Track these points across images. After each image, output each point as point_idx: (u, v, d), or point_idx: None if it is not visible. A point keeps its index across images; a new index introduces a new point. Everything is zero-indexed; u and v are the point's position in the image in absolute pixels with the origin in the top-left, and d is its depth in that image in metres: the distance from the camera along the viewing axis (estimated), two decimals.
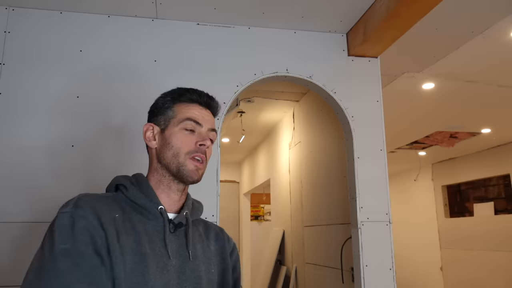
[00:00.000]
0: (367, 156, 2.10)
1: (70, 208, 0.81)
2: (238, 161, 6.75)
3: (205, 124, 0.97)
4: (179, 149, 0.93)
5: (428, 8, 1.74)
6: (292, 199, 3.58)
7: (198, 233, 0.99)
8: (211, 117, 1.00)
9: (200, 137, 0.95)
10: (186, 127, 0.95)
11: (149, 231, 0.87)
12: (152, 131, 0.98)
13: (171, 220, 0.92)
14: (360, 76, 2.19)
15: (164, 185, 0.94)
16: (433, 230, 6.35)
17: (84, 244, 0.78)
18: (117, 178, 0.96)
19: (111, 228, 0.82)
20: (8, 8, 1.91)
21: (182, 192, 0.96)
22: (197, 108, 0.98)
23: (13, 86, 1.83)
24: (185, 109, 0.97)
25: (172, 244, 0.89)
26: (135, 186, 0.93)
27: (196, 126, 0.95)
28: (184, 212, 0.94)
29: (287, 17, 2.06)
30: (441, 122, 4.12)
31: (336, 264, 2.51)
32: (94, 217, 0.81)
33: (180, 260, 0.88)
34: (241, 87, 2.05)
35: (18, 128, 1.80)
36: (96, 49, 1.95)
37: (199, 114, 0.97)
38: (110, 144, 1.86)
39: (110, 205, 0.87)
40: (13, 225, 1.70)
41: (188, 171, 0.92)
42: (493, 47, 2.43)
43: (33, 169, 1.77)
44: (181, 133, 0.94)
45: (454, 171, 5.98)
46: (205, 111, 0.99)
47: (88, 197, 0.85)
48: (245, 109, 3.74)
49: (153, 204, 0.91)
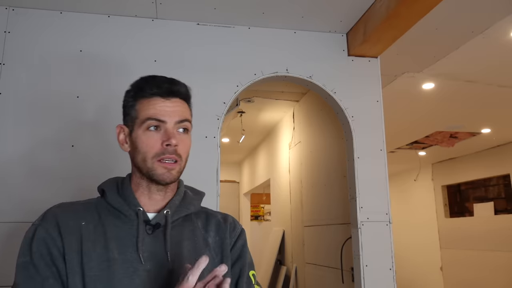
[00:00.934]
0: (367, 156, 2.10)
1: (38, 220, 0.87)
2: (238, 161, 6.75)
3: (169, 118, 0.87)
4: (145, 153, 0.87)
5: (428, 8, 1.74)
6: (292, 199, 3.58)
7: (191, 228, 0.94)
8: (178, 107, 0.90)
9: (166, 136, 0.87)
10: (149, 127, 0.87)
11: (121, 236, 0.85)
12: (124, 133, 0.93)
13: (149, 222, 0.88)
14: (360, 76, 2.19)
15: (143, 187, 0.91)
16: (433, 230, 6.35)
17: (39, 256, 0.81)
18: (104, 183, 0.95)
19: (72, 238, 0.83)
20: (8, 8, 1.91)
21: (164, 191, 0.92)
22: (159, 102, 0.88)
23: (13, 86, 1.83)
24: (146, 106, 0.88)
25: (148, 246, 0.86)
26: (116, 189, 0.92)
27: (160, 124, 0.87)
28: (164, 211, 0.90)
29: (287, 17, 2.06)
30: (441, 122, 4.12)
31: (336, 264, 2.51)
32: (55, 228, 0.84)
33: (158, 263, 0.85)
34: (241, 87, 2.05)
35: (18, 128, 1.80)
36: (96, 49, 1.95)
37: (161, 109, 0.88)
38: (110, 145, 1.86)
39: (82, 212, 0.88)
40: (12, 225, 1.69)
41: (158, 175, 0.87)
42: (493, 47, 2.43)
43: (32, 169, 1.77)
44: (145, 135, 0.87)
45: (454, 171, 5.98)
46: (168, 102, 0.89)
47: (58, 208, 0.89)
48: (245, 109, 3.74)
49: (129, 207, 0.89)
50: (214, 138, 1.96)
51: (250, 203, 6.64)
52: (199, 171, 1.88)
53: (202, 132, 1.94)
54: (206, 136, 1.95)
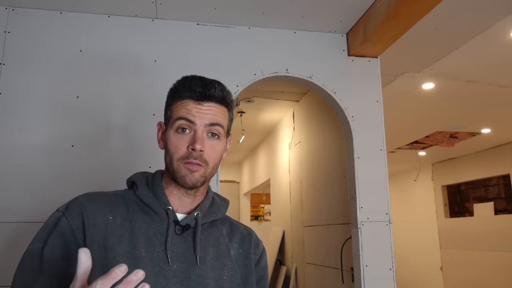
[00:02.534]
0: (367, 156, 2.10)
1: (62, 208, 0.85)
2: (238, 161, 6.75)
3: (199, 120, 0.86)
4: (173, 154, 0.86)
5: (428, 8, 1.74)
6: (292, 199, 3.58)
7: (217, 235, 0.92)
8: (211, 110, 0.87)
9: (192, 140, 0.85)
10: (178, 128, 0.87)
11: (149, 233, 0.84)
12: (162, 131, 0.93)
13: (178, 222, 0.87)
14: (360, 76, 2.19)
15: (172, 187, 0.90)
16: (433, 230, 6.35)
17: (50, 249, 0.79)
18: (135, 175, 0.93)
19: (96, 232, 0.81)
20: (8, 8, 1.91)
21: (193, 194, 0.90)
22: (191, 104, 0.87)
23: (13, 86, 1.83)
24: (180, 106, 0.88)
25: (176, 247, 0.84)
26: (147, 185, 0.90)
27: (190, 125, 0.86)
28: (195, 213, 0.89)
29: (287, 17, 2.06)
30: (441, 122, 4.12)
31: (336, 264, 2.51)
32: (78, 219, 0.82)
33: (185, 265, 0.83)
34: (241, 87, 2.05)
35: (18, 128, 1.80)
36: (96, 49, 1.95)
37: (192, 110, 0.86)
38: (110, 144, 1.86)
39: (109, 206, 0.86)
40: (13, 225, 1.70)
41: (181, 177, 0.86)
42: (493, 47, 2.43)
43: (33, 169, 1.77)
44: (174, 136, 0.87)
45: (454, 171, 5.98)
46: (201, 105, 0.87)
47: (85, 198, 0.86)
48: (245, 109, 3.74)
49: (160, 204, 0.87)
50: None
51: (250, 203, 6.64)
52: None
53: None
54: None
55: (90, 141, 1.84)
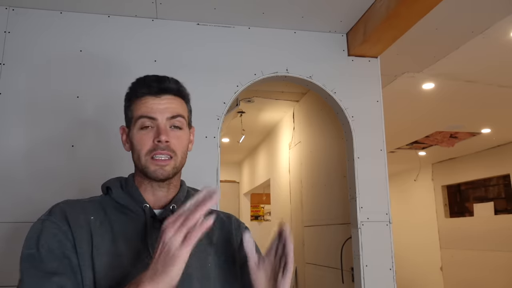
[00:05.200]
0: (367, 156, 2.10)
1: (44, 215, 0.86)
2: (238, 161, 6.75)
3: (160, 115, 0.89)
4: (139, 151, 0.89)
5: (428, 8, 1.74)
6: (292, 199, 3.58)
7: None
8: (169, 103, 0.91)
9: (156, 133, 0.88)
10: (141, 126, 0.90)
11: (128, 230, 0.87)
12: (125, 133, 0.96)
13: (156, 217, 0.89)
14: (360, 76, 2.19)
15: (145, 184, 0.92)
16: (433, 230, 6.35)
17: (46, 249, 0.80)
18: (108, 181, 0.96)
19: (83, 231, 0.83)
20: (8, 8, 1.91)
21: (166, 187, 0.93)
22: (149, 100, 0.90)
23: (13, 86, 1.83)
24: (139, 105, 0.91)
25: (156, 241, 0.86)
26: (121, 187, 0.93)
27: (151, 121, 0.89)
28: (170, 206, 0.91)
29: (287, 17, 2.06)
30: (441, 122, 4.12)
31: (336, 264, 2.51)
32: (64, 222, 0.83)
33: None
34: (241, 87, 2.05)
35: (18, 128, 1.80)
36: (96, 49, 1.95)
37: (152, 107, 0.89)
38: (110, 144, 1.86)
39: (88, 209, 0.89)
40: (12, 225, 1.69)
41: (151, 172, 0.88)
42: (493, 47, 2.43)
43: (32, 169, 1.77)
44: (138, 133, 0.90)
45: (454, 171, 5.98)
46: (159, 99, 0.90)
47: (64, 204, 0.89)
48: (245, 109, 3.74)
49: (136, 203, 0.90)
50: (214, 138, 1.96)
51: (250, 203, 6.64)
52: (199, 171, 1.88)
53: (202, 132, 1.94)
54: (206, 136, 1.95)
55: (90, 141, 1.84)
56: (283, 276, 0.82)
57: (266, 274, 0.85)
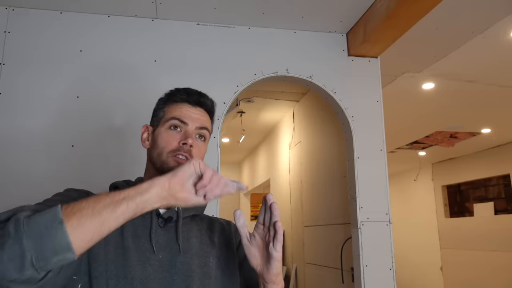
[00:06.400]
0: (367, 156, 2.10)
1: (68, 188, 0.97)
2: (238, 161, 6.75)
3: (192, 122, 0.96)
4: (163, 148, 0.93)
5: (428, 8, 1.74)
6: (292, 199, 3.58)
7: (198, 227, 0.99)
8: (201, 115, 0.98)
9: (184, 136, 0.94)
10: (171, 126, 0.95)
11: (135, 226, 0.89)
12: (148, 132, 1.00)
13: (161, 215, 0.92)
14: (360, 76, 2.19)
15: None
16: (433, 230, 6.35)
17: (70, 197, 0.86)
18: (116, 182, 0.99)
19: None
20: (8, 8, 1.91)
21: None
22: (186, 107, 0.97)
23: (13, 86, 1.83)
24: (174, 108, 0.97)
25: (160, 238, 0.90)
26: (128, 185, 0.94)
27: (182, 125, 0.95)
28: (175, 207, 0.94)
29: (287, 17, 2.06)
30: (441, 122, 4.12)
31: (336, 264, 2.51)
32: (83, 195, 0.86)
33: (170, 254, 0.89)
34: (241, 87, 2.05)
35: (18, 128, 1.80)
36: (96, 49, 1.95)
37: (186, 113, 0.96)
38: (110, 144, 1.86)
39: None
40: None
41: (169, 168, 0.90)
42: (493, 47, 2.43)
43: (32, 169, 1.77)
44: (166, 132, 0.95)
45: (454, 171, 5.98)
46: (194, 109, 0.97)
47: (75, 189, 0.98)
48: (245, 109, 3.74)
49: None
50: (214, 138, 1.96)
51: (250, 203, 6.63)
52: None
53: None
54: None
55: (90, 141, 1.84)
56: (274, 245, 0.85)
57: (258, 247, 0.88)
